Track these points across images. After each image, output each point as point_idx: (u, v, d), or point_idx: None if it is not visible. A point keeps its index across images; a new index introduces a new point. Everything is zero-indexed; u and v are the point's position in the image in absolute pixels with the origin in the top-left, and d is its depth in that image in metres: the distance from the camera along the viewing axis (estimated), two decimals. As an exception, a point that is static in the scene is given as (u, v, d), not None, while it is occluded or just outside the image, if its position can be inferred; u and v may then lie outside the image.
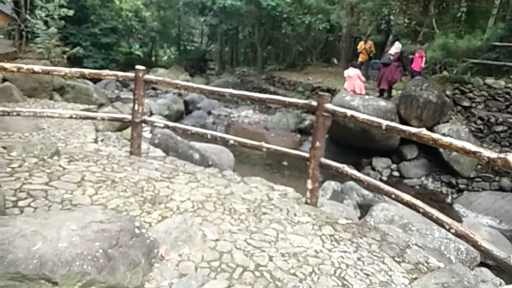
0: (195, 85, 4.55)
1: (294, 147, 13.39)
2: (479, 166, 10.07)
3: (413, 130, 3.19)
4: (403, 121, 10.89)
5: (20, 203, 3.22)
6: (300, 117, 14.81)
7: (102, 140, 8.20)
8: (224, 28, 23.00)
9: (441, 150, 10.30)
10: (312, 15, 16.26)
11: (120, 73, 4.74)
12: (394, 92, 11.90)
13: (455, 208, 9.31)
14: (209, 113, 17.24)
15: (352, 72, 11.71)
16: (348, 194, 9.44)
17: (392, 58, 11.21)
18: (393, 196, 3.34)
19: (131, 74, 4.70)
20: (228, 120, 16.74)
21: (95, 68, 22.70)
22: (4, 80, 10.20)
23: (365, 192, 9.48)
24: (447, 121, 10.76)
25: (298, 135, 14.56)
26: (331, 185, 9.25)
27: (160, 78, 4.83)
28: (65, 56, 12.04)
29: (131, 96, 18.63)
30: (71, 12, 13.60)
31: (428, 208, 3.07)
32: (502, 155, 2.51)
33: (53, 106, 9.63)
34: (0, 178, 3.60)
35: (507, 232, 8.38)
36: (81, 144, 6.11)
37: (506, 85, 10.36)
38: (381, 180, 10.78)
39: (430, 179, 10.78)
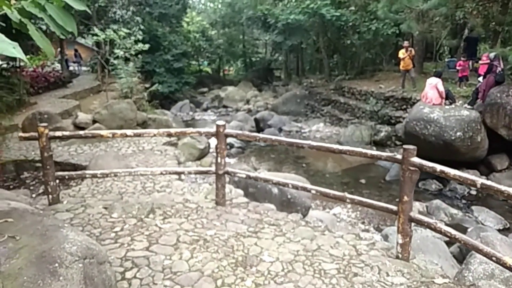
0: (273, 137, 4.69)
1: (370, 162, 13.08)
2: None
3: (511, 190, 3.00)
4: (490, 130, 10.19)
5: (127, 275, 3.54)
6: (375, 129, 14.40)
7: (184, 174, 8.76)
8: (289, 44, 23.17)
9: (537, 159, 9.49)
10: (379, 21, 15.77)
11: (202, 130, 5.03)
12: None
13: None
14: (280, 129, 17.39)
15: (434, 81, 11.18)
16: (434, 214, 9.01)
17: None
18: (494, 259, 3.15)
19: (212, 130, 4.95)
20: (300, 136, 16.74)
21: (170, 92, 24.10)
22: (94, 121, 11.24)
23: (454, 211, 8.99)
24: (542, 128, 9.82)
25: (374, 148, 14.12)
26: (416, 206, 8.89)
27: (240, 132, 5.03)
28: (145, 94, 12.89)
29: (206, 117, 19.56)
30: (146, 46, 14.57)
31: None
32: None
33: (139, 142, 10.34)
34: (107, 246, 4.00)
35: None
36: (167, 182, 6.56)
37: None
38: (469, 194, 10.14)
39: (526, 191, 9.88)
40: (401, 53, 14.21)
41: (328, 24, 19.20)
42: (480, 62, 10.69)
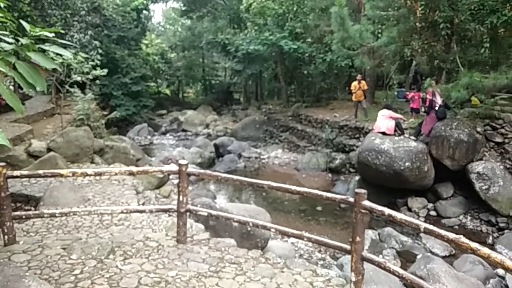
0: (235, 177, 4.86)
1: (326, 188, 13.51)
2: (518, 204, 9.88)
3: (451, 236, 3.33)
4: (436, 161, 10.90)
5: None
6: (330, 156, 14.96)
7: (143, 204, 8.69)
8: (248, 73, 23.74)
9: (477, 188, 10.24)
10: (333, 53, 16.61)
11: (165, 168, 5.14)
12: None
13: (498, 250, 9.09)
14: (240, 155, 17.62)
15: (386, 113, 11.85)
16: (386, 241, 9.45)
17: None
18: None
19: (175, 168, 5.06)
20: (259, 162, 17.05)
21: (127, 115, 23.76)
22: (49, 149, 10.89)
23: (404, 238, 9.47)
24: (481, 159, 10.67)
25: (329, 175, 14.67)
26: (369, 234, 9.29)
27: (202, 171, 5.18)
28: (103, 121, 12.71)
29: (164, 141, 19.44)
30: (105, 71, 14.41)
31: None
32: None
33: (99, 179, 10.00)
34: (67, 291, 3.96)
35: (555, 276, 8.15)
36: (126, 215, 6.45)
37: (539, 119, 10.25)
38: (418, 220, 10.72)
39: (469, 218, 10.63)
40: (353, 86, 15.04)
41: (286, 54, 19.95)
42: (427, 96, 11.51)
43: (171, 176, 11.31)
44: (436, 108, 11.19)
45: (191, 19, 33.05)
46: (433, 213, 11.03)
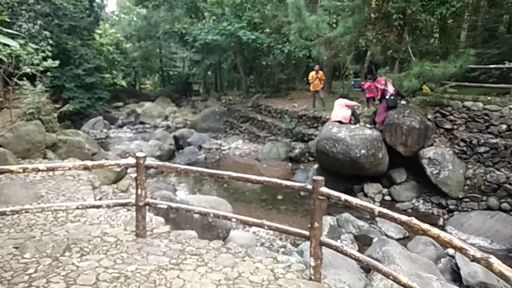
0: (194, 168, 4.81)
1: (286, 177, 13.69)
2: (466, 187, 10.47)
3: (403, 218, 3.48)
4: (390, 148, 11.31)
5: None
6: (290, 146, 15.16)
7: (100, 199, 8.46)
8: (207, 64, 23.46)
9: (428, 172, 10.74)
10: (291, 44, 16.76)
11: (121, 162, 5.00)
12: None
13: (448, 230, 9.62)
14: (200, 147, 17.49)
15: (341, 102, 12.11)
16: (344, 226, 9.72)
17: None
18: (391, 277, 3.62)
19: (132, 161, 4.95)
20: (220, 154, 17.01)
21: (81, 108, 22.87)
22: (-2, 145, 10.32)
23: (361, 223, 9.78)
24: (432, 145, 11.18)
25: (289, 164, 14.89)
26: (327, 220, 9.52)
27: (161, 163, 5.10)
28: (55, 114, 12.17)
29: (121, 135, 18.89)
30: (56, 63, 13.77)
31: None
32: (485, 256, 2.80)
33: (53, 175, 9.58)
34: (21, 291, 3.80)
35: (499, 252, 8.73)
36: (82, 211, 6.24)
37: (484, 106, 10.83)
38: (374, 205, 11.09)
39: (421, 201, 11.14)
40: (311, 76, 15.29)
41: (245, 45, 19.91)
42: (378, 86, 11.89)
43: (129, 170, 11.06)
44: (387, 97, 11.58)
45: (147, 8, 32.14)
46: (387, 197, 11.47)
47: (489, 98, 11.54)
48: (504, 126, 10.39)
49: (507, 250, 8.75)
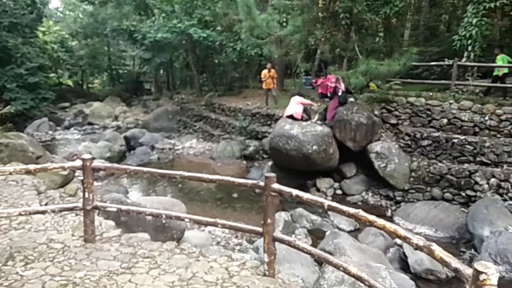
0: (145, 169, 4.71)
1: (241, 175, 13.76)
2: (411, 179, 11.00)
3: (351, 210, 3.60)
4: (340, 143, 11.64)
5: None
6: (244, 144, 15.20)
7: (46, 204, 8.06)
8: (158, 62, 22.96)
9: (376, 166, 11.16)
10: (243, 42, 16.80)
11: (67, 165, 4.80)
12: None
13: (395, 221, 10.05)
14: (153, 147, 17.13)
15: (298, 99, 12.28)
16: (298, 221, 9.90)
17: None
18: (341, 269, 3.74)
19: (78, 164, 4.76)
20: (173, 153, 16.74)
21: (24, 109, 21.66)
22: None
23: (314, 217, 10.00)
24: (379, 139, 11.63)
25: (244, 162, 14.93)
26: (282, 216, 9.63)
27: (109, 165, 4.93)
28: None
29: (68, 136, 18.01)
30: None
31: (372, 281, 3.50)
32: (427, 244, 2.95)
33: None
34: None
35: (443, 240, 9.26)
36: (26, 217, 5.91)
37: (426, 101, 11.42)
38: (326, 199, 11.37)
39: (370, 194, 11.57)
40: (263, 74, 15.42)
41: (196, 43, 19.71)
42: (329, 83, 12.20)
43: (77, 173, 10.62)
44: (339, 93, 11.92)
45: (93, 4, 30.91)
46: (339, 191, 11.82)
47: (431, 94, 12.20)
48: (445, 120, 11.02)
49: (450, 237, 9.28)
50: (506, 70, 11.98)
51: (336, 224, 9.81)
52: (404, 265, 7.66)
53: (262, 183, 4.22)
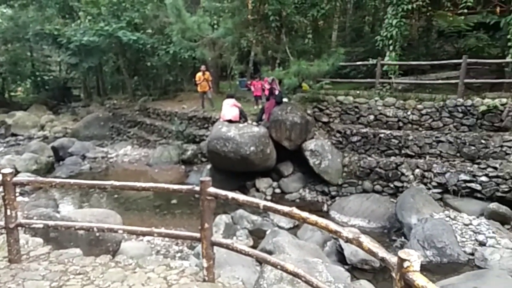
0: (72, 181, 4.47)
1: (180, 180, 13.56)
2: (344, 174, 11.51)
3: (286, 209, 3.67)
4: (276, 143, 11.88)
5: None
6: (182, 148, 14.96)
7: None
8: (85, 67, 21.84)
9: (311, 163, 11.54)
10: (176, 45, 16.55)
11: (-18, 182, 4.40)
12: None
13: (331, 215, 10.50)
14: (84, 157, 16.28)
15: (230, 102, 12.29)
16: (239, 223, 9.97)
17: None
18: (279, 267, 3.82)
19: (-4, 180, 4.41)
20: (107, 162, 16.05)
21: None
22: None
23: (254, 217, 10.11)
24: (312, 137, 12.03)
25: (183, 167, 14.71)
26: (222, 219, 9.64)
27: (32, 178, 4.62)
28: None
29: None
30: None
31: (309, 277, 3.61)
32: (356, 236, 3.11)
33: None
34: None
35: (376, 230, 9.81)
36: None
37: (354, 99, 12.02)
38: (265, 199, 11.54)
39: (307, 190, 11.94)
40: (198, 77, 15.30)
41: (126, 46, 19.08)
42: (265, 85, 12.41)
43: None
44: (276, 93, 12.17)
45: (13, 7, 28.68)
46: (277, 190, 12.07)
47: (358, 92, 12.84)
48: (372, 117, 11.66)
49: (382, 227, 9.85)
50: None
51: (276, 222, 10.00)
52: (341, 257, 7.99)
53: (197, 188, 4.19)
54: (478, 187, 9.49)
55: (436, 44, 17.17)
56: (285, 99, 12.58)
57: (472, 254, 8.02)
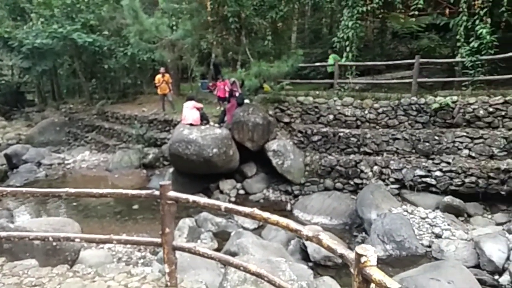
0: (24, 189, 4.29)
1: (142, 185, 13.31)
2: (306, 173, 11.68)
3: (247, 210, 3.68)
4: (239, 144, 11.90)
5: None
6: (143, 152, 14.67)
7: None
8: (39, 70, 20.93)
9: (274, 164, 11.63)
10: (134, 46, 16.22)
11: None
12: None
13: (295, 214, 10.65)
14: (39, 164, 15.61)
15: (189, 105, 12.15)
16: (203, 226, 9.89)
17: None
18: (241, 268, 3.83)
19: None
20: (64, 169, 15.48)
21: None
22: None
23: (219, 219, 10.06)
24: (275, 138, 12.14)
25: (144, 171, 14.42)
26: (186, 222, 9.51)
27: (-20, 189, 4.37)
28: None
29: None
30: None
31: (271, 276, 3.64)
32: (316, 234, 3.16)
33: None
34: None
35: (338, 226, 10.04)
36: None
37: (314, 100, 12.22)
38: (229, 201, 11.52)
39: (271, 191, 12.04)
40: (158, 79, 15.06)
41: (82, 48, 18.49)
42: (226, 88, 12.40)
43: None
44: (237, 95, 12.19)
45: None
46: (241, 191, 12.08)
47: (317, 92, 13.09)
48: (331, 116, 11.91)
49: (344, 223, 10.09)
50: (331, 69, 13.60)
51: (241, 224, 10.00)
52: (304, 255, 8.12)
53: (157, 192, 4.13)
54: (433, 182, 9.91)
55: (391, 45, 17.83)
56: (246, 100, 12.62)
57: (429, 246, 8.37)
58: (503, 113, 9.62)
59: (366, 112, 11.45)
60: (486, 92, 10.26)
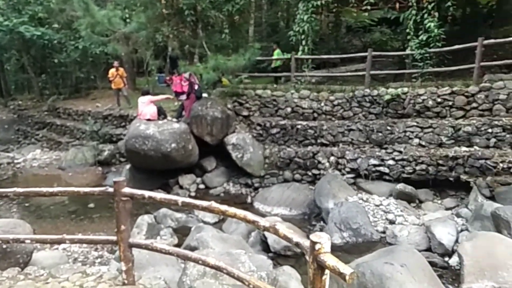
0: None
1: (97, 183, 12.90)
2: (266, 165, 11.80)
3: (204, 204, 3.69)
4: (198, 139, 11.81)
5: None
6: (98, 149, 14.21)
7: None
8: (-19, 65, 19.79)
9: (234, 157, 11.65)
10: (85, 40, 15.62)
11: None
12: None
13: (255, 206, 10.74)
14: (-14, 164, 14.78)
15: (145, 99, 11.86)
16: (163, 222, 9.75)
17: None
18: (200, 262, 3.83)
19: None
20: (13, 168, 14.72)
21: None
22: None
23: (178, 215, 9.95)
24: (234, 131, 12.14)
25: (99, 168, 13.98)
26: (145, 219, 9.31)
27: None
28: None
29: None
30: None
31: (230, 269, 3.67)
32: (272, 224, 3.21)
33: None
34: None
35: (297, 217, 10.23)
36: None
37: (272, 93, 12.33)
38: (190, 196, 11.43)
39: (231, 184, 12.06)
40: (111, 74, 14.61)
41: (30, 42, 17.61)
42: (182, 83, 12.20)
43: None
44: (196, 88, 12.04)
45: None
46: (201, 186, 12.02)
47: (275, 85, 13.20)
48: (289, 109, 12.07)
49: (303, 213, 10.29)
50: (279, 63, 14.40)
51: (201, 218, 9.95)
52: (265, 246, 8.20)
53: (111, 189, 4.04)
54: (386, 170, 10.30)
55: (345, 39, 18.26)
56: (205, 94, 12.51)
57: (384, 232, 8.71)
58: (450, 103, 10.10)
59: (322, 104, 11.69)
60: (434, 84, 10.74)
